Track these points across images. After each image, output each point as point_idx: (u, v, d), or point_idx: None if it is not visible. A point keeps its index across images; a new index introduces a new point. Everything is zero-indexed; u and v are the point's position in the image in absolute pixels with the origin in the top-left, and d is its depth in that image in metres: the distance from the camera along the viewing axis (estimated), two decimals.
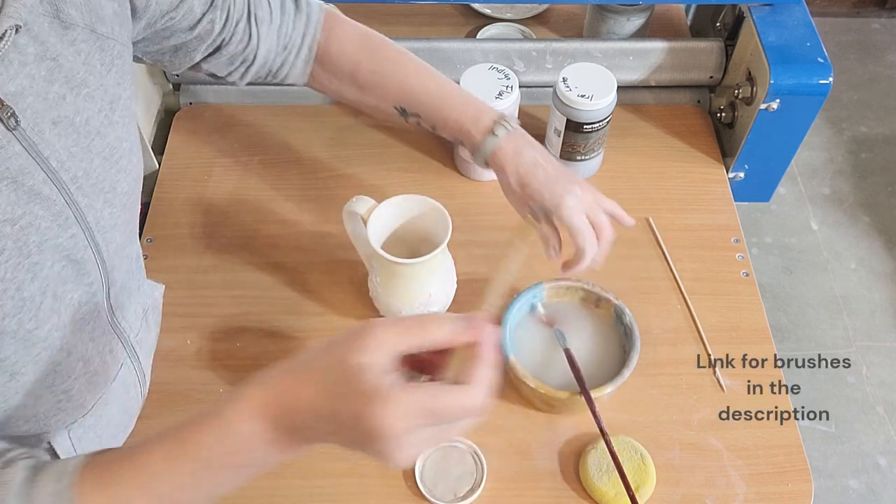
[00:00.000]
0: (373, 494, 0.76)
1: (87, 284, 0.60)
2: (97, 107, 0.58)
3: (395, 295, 0.80)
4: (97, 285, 0.62)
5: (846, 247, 2.00)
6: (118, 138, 0.60)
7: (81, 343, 0.61)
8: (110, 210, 0.61)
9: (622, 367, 0.77)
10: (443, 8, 1.24)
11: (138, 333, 0.73)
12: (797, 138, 1.00)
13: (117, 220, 0.62)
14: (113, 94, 0.60)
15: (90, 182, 0.58)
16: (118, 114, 0.60)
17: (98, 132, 0.58)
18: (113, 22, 0.59)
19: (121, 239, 0.64)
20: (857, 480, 1.63)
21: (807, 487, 0.77)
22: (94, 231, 0.59)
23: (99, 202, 0.59)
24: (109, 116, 0.59)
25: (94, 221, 0.59)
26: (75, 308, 0.60)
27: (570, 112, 0.93)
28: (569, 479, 0.77)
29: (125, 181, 0.62)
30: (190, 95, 1.09)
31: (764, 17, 0.98)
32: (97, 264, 0.61)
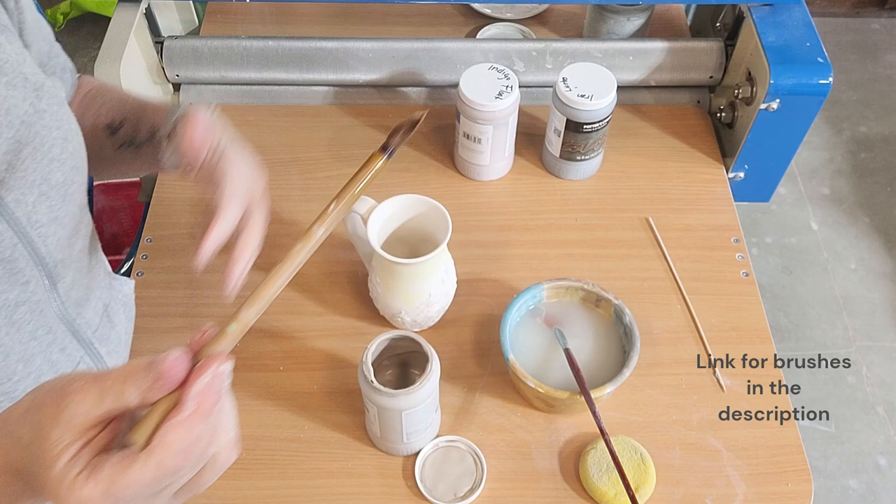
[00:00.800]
0: (373, 494, 0.76)
1: (23, 284, 0.58)
2: (21, 95, 0.56)
3: (395, 295, 0.80)
4: (36, 283, 0.59)
5: (846, 247, 2.00)
6: (46, 126, 0.58)
7: (20, 343, 0.59)
8: (48, 203, 0.58)
9: (622, 367, 0.77)
10: (443, 8, 1.24)
11: (97, 329, 0.70)
12: (797, 138, 1.00)
13: (57, 213, 0.60)
14: (35, 83, 0.58)
15: (17, 175, 0.55)
16: (45, 101, 0.58)
17: (23, 122, 0.56)
18: (6, 14, 0.59)
19: (64, 232, 0.61)
20: (857, 480, 1.63)
21: (807, 487, 0.77)
22: (27, 226, 0.57)
23: (31, 196, 0.57)
24: (35, 104, 0.57)
25: (26, 217, 0.56)
26: (10, 309, 0.57)
27: (570, 112, 0.93)
28: (569, 479, 0.77)
29: (59, 171, 0.60)
30: (190, 95, 1.09)
31: (764, 17, 0.98)
32: (33, 261, 0.58)
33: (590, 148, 0.97)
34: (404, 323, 0.83)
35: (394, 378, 0.79)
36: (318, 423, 0.80)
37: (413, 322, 0.83)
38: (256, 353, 0.85)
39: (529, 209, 0.99)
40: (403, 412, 0.70)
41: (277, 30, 1.22)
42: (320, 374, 0.84)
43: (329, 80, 1.08)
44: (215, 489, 0.76)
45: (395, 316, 0.83)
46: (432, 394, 0.72)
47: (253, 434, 0.79)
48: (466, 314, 0.88)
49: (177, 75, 1.06)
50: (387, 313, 0.84)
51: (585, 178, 1.02)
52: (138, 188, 1.06)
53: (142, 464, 0.40)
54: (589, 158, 0.99)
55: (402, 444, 0.76)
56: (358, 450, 0.78)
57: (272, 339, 0.86)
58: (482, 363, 0.85)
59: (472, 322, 0.88)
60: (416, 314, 0.82)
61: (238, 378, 0.85)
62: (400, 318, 0.82)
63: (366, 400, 0.72)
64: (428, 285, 0.80)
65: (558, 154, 0.98)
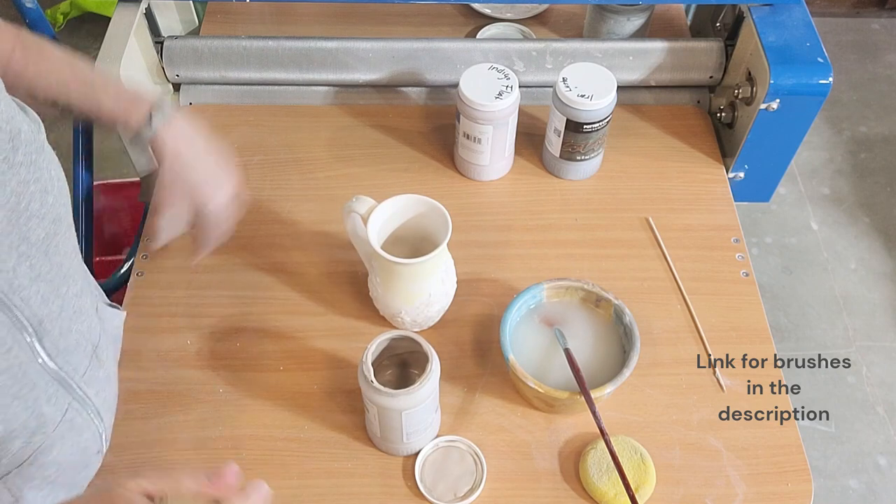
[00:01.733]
0: (373, 494, 0.76)
1: (5, 352, 0.55)
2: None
3: (395, 295, 0.80)
4: (19, 347, 0.57)
5: (846, 247, 2.00)
6: (23, 182, 0.53)
7: (2, 408, 0.56)
8: (28, 263, 0.55)
9: (622, 367, 0.77)
10: (443, 8, 1.24)
11: (84, 373, 0.67)
12: (797, 138, 1.00)
13: (39, 271, 0.57)
14: (10, 130, 0.53)
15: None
16: (21, 153, 0.53)
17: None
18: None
19: (47, 288, 0.58)
20: (857, 480, 1.63)
21: (807, 487, 0.77)
22: (8, 293, 0.54)
23: (11, 260, 0.53)
24: (10, 158, 0.52)
25: (7, 284, 0.53)
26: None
27: (570, 112, 0.93)
28: (569, 479, 0.77)
29: (39, 227, 0.56)
30: (190, 95, 1.09)
31: (764, 17, 0.98)
32: (15, 327, 0.56)
33: (590, 148, 0.97)
34: (404, 323, 0.83)
35: (394, 378, 0.79)
36: (318, 423, 0.80)
37: (413, 322, 0.83)
38: (256, 353, 0.85)
39: (529, 209, 0.99)
40: (403, 412, 0.70)
41: (277, 30, 1.22)
42: (320, 374, 0.84)
43: (329, 80, 1.08)
44: None
45: (395, 316, 0.83)
46: (432, 394, 0.72)
47: (253, 434, 0.79)
48: (466, 314, 0.88)
49: (177, 75, 1.06)
50: (387, 313, 0.84)
51: (585, 178, 1.02)
52: (138, 188, 1.06)
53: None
54: (589, 158, 0.99)
55: (402, 444, 0.76)
56: (358, 450, 0.78)
57: (272, 339, 0.86)
58: (482, 363, 0.85)
59: (472, 322, 0.88)
60: (416, 314, 0.82)
61: (238, 378, 0.85)
62: (400, 318, 0.83)
63: (366, 400, 0.72)
64: (428, 285, 0.80)
65: (558, 154, 0.98)
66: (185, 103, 1.09)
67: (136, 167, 1.05)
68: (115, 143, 1.00)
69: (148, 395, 0.82)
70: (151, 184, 1.01)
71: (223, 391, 0.83)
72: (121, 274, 1.12)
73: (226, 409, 0.81)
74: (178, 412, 0.81)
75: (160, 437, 0.79)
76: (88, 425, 0.69)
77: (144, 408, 0.81)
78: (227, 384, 0.83)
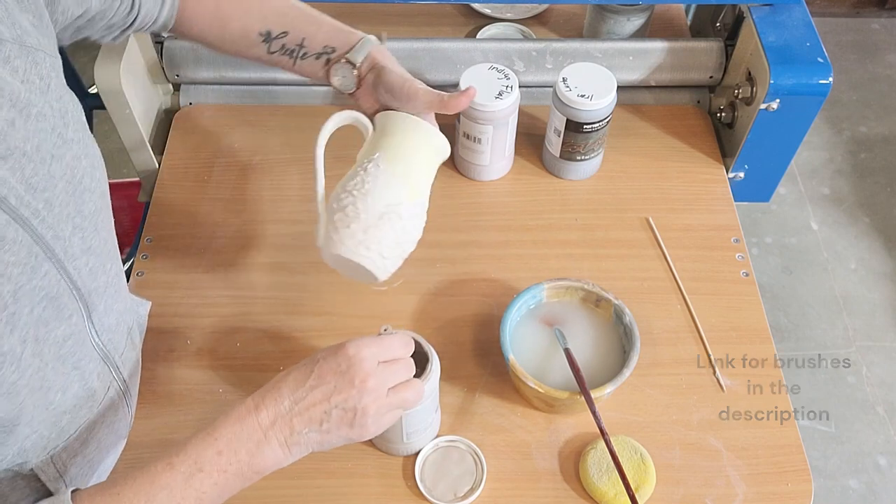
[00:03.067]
0: (373, 494, 0.76)
1: (68, 317, 0.58)
2: (49, 126, 0.54)
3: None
4: (77, 315, 0.60)
5: (846, 247, 2.00)
6: (76, 157, 0.57)
7: (63, 375, 0.60)
8: (81, 235, 0.58)
9: (622, 367, 0.77)
10: (443, 8, 1.24)
11: (123, 353, 0.71)
12: (797, 138, 1.00)
13: (90, 244, 0.60)
14: (60, 108, 0.56)
15: (54, 212, 0.54)
16: (72, 130, 0.57)
17: (53, 155, 0.54)
18: (35, 34, 0.55)
19: (96, 261, 0.61)
20: (857, 480, 1.63)
21: (807, 487, 0.77)
22: (65, 261, 0.56)
23: (67, 230, 0.56)
24: (63, 135, 0.55)
25: (63, 251, 0.56)
26: (59, 345, 0.58)
27: (570, 112, 0.93)
28: (569, 479, 0.77)
29: (91, 201, 0.59)
30: (190, 95, 1.09)
31: (764, 17, 0.98)
32: (73, 295, 0.59)
33: (590, 148, 0.97)
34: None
35: None
36: None
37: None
38: (256, 353, 0.85)
39: (529, 209, 0.99)
40: (404, 412, 0.70)
41: None
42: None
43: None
44: None
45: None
46: (432, 394, 0.72)
47: None
48: (466, 314, 0.88)
49: (177, 75, 1.06)
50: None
51: (585, 178, 1.02)
52: (138, 188, 1.06)
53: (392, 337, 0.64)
54: (589, 158, 0.99)
55: (402, 444, 0.76)
56: (358, 450, 0.78)
57: (272, 339, 0.86)
58: (482, 363, 0.85)
59: (472, 322, 0.88)
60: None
61: (238, 378, 0.86)
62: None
63: None
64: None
65: (558, 154, 0.98)
66: (185, 103, 1.09)
67: (135, 167, 1.05)
68: (115, 143, 1.01)
69: (148, 395, 0.82)
70: (151, 184, 1.02)
71: (223, 391, 0.83)
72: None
73: (226, 409, 0.81)
74: (178, 412, 0.81)
75: (160, 437, 0.79)
76: (122, 406, 0.72)
77: (144, 408, 0.81)
78: (227, 384, 0.83)
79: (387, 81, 0.71)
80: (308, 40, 0.73)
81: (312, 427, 0.59)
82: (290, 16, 0.74)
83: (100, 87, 0.95)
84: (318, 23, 0.74)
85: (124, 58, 0.95)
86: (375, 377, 0.60)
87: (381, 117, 0.72)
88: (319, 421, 0.59)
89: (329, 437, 0.60)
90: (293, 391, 0.59)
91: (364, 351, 0.60)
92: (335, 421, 0.59)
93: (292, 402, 0.58)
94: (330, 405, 0.59)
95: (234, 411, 0.59)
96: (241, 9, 0.74)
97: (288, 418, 0.58)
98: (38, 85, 0.54)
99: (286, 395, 0.59)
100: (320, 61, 0.74)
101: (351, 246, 0.68)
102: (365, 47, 0.72)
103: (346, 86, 0.73)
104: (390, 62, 0.73)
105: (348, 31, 0.74)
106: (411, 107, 0.70)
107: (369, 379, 0.59)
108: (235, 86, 1.09)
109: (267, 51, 0.75)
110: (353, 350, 0.60)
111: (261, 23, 0.73)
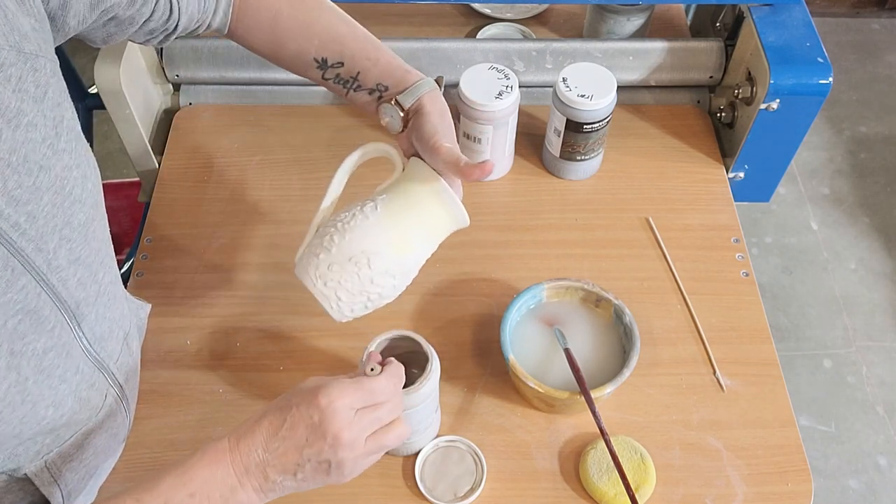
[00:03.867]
0: (373, 494, 0.76)
1: (49, 330, 0.57)
2: (40, 136, 0.52)
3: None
4: (61, 327, 0.58)
5: (846, 247, 2.00)
6: (66, 167, 0.55)
7: (50, 389, 0.58)
8: (68, 246, 0.57)
9: (622, 367, 0.77)
10: (443, 8, 1.24)
11: (118, 359, 0.69)
12: (797, 138, 1.00)
13: (79, 254, 0.58)
14: (55, 117, 0.54)
15: (38, 224, 0.53)
16: (64, 139, 0.55)
17: (41, 166, 0.52)
18: (36, 38, 0.53)
19: (85, 272, 0.60)
20: (857, 480, 1.63)
21: (807, 487, 0.77)
22: (47, 273, 0.55)
23: (52, 242, 0.55)
24: (54, 145, 0.54)
25: (46, 263, 0.55)
26: (38, 358, 0.56)
27: (570, 112, 0.93)
28: (569, 479, 0.77)
29: (81, 212, 0.58)
30: (190, 95, 1.09)
31: (764, 17, 0.98)
32: (56, 307, 0.57)
33: (590, 148, 0.97)
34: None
35: None
36: None
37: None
38: (256, 353, 0.85)
39: (529, 209, 0.99)
40: (403, 412, 0.70)
41: None
42: (320, 374, 0.83)
43: None
44: None
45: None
46: (432, 394, 0.72)
47: None
48: (466, 314, 0.88)
49: (177, 75, 1.06)
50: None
51: (585, 178, 1.02)
52: (138, 188, 1.06)
53: (376, 378, 0.61)
54: (589, 158, 0.99)
55: (402, 444, 0.76)
56: None
57: (272, 340, 0.86)
58: (482, 363, 0.85)
59: (472, 322, 0.88)
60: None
61: (238, 378, 0.86)
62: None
63: None
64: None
65: (558, 154, 0.98)
66: (185, 103, 1.09)
67: (135, 167, 1.05)
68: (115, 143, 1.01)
69: (148, 395, 0.82)
70: (151, 184, 1.02)
71: (223, 391, 0.83)
72: (120, 274, 1.12)
73: (226, 409, 0.81)
74: (178, 412, 0.81)
75: (160, 437, 0.79)
76: (120, 411, 0.71)
77: (144, 408, 0.81)
78: (227, 384, 0.83)
79: (419, 129, 0.68)
80: (362, 75, 0.71)
81: (287, 476, 0.58)
82: (349, 46, 0.71)
83: (100, 87, 0.95)
84: (375, 58, 0.71)
85: (124, 58, 0.95)
86: (349, 430, 0.58)
87: (411, 163, 0.70)
88: (293, 472, 0.58)
89: (305, 485, 0.59)
90: (267, 441, 0.57)
91: (337, 402, 0.57)
92: (310, 472, 0.58)
93: (265, 451, 0.57)
94: (303, 458, 0.57)
95: (209, 452, 0.57)
96: (299, 30, 0.72)
97: (262, 467, 0.57)
98: (32, 93, 0.52)
99: (259, 443, 0.57)
100: (372, 97, 0.72)
101: (311, 275, 0.66)
102: (418, 91, 0.69)
103: (392, 126, 0.71)
104: (435, 110, 0.69)
105: (404, 71, 0.71)
106: (433, 162, 0.67)
107: (342, 433, 0.57)
108: (235, 86, 1.09)
109: (321, 77, 0.73)
110: (326, 401, 0.57)
111: (317, 49, 0.71)
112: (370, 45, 0.72)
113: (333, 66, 0.72)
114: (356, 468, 0.60)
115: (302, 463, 0.57)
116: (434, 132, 0.67)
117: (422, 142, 0.67)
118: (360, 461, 0.60)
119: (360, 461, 0.59)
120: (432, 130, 0.67)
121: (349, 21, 0.73)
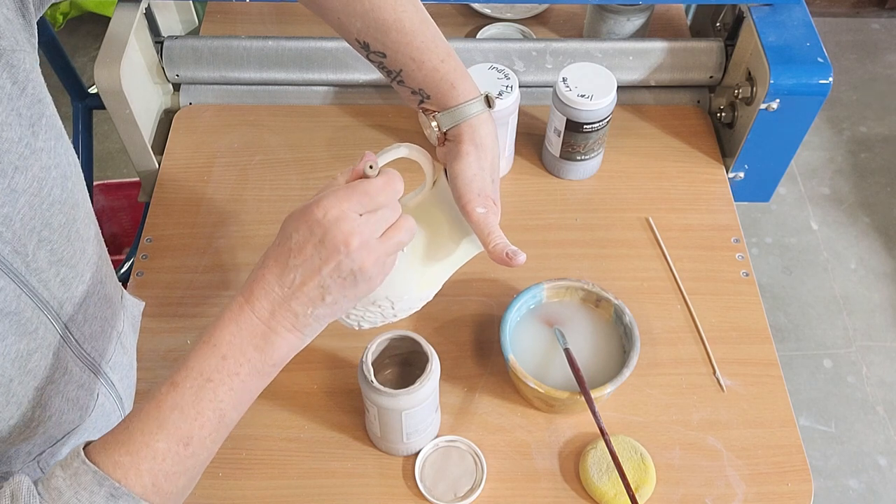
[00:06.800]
0: (373, 494, 0.76)
1: (32, 331, 0.55)
2: (16, 136, 0.50)
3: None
4: (45, 328, 0.57)
5: (846, 247, 2.00)
6: (44, 167, 0.53)
7: (36, 391, 0.57)
8: (49, 247, 0.55)
9: (622, 367, 0.77)
10: (443, 8, 1.24)
11: (111, 359, 0.68)
12: (797, 138, 1.00)
13: (61, 255, 0.57)
14: (32, 115, 0.52)
15: (14, 227, 0.51)
16: (42, 138, 0.53)
17: (17, 167, 0.50)
18: (10, 31, 0.51)
19: (69, 272, 0.58)
20: (857, 480, 1.63)
21: (807, 487, 0.77)
22: (27, 275, 0.53)
23: (31, 244, 0.53)
24: (31, 144, 0.51)
25: (25, 265, 0.53)
26: (22, 359, 0.55)
27: (570, 112, 0.93)
28: (569, 479, 0.77)
29: (61, 213, 0.56)
30: (190, 95, 1.09)
31: (764, 17, 0.98)
32: (39, 308, 0.56)
33: (590, 148, 0.97)
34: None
35: (394, 378, 0.79)
36: (318, 423, 0.80)
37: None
38: None
39: (529, 209, 0.99)
40: (403, 412, 0.70)
41: (277, 30, 1.22)
42: (320, 374, 0.84)
43: (329, 80, 1.08)
44: (215, 489, 0.76)
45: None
46: (432, 394, 0.72)
47: (253, 434, 0.79)
48: (466, 314, 0.88)
49: (177, 75, 1.06)
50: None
51: (585, 178, 1.02)
52: (138, 188, 1.06)
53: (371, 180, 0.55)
54: (589, 158, 0.99)
55: (402, 444, 0.76)
56: (358, 450, 0.78)
57: None
58: (482, 363, 0.85)
59: (472, 322, 0.88)
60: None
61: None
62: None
63: (366, 400, 0.72)
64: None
65: (558, 154, 0.98)
66: (185, 103, 1.09)
67: (135, 167, 1.05)
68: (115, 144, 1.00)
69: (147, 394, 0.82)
70: (151, 184, 1.02)
71: None
72: (120, 274, 1.13)
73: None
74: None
75: None
76: (114, 411, 0.71)
77: None
78: None
79: (452, 166, 0.65)
80: (405, 74, 0.66)
81: (316, 304, 0.54)
82: (391, 38, 0.65)
83: (100, 87, 0.95)
84: (420, 60, 0.65)
85: (124, 58, 0.95)
86: (359, 233, 0.53)
87: (442, 185, 0.66)
88: (321, 297, 0.54)
89: (339, 306, 0.55)
90: (279, 276, 0.53)
91: (334, 210, 0.53)
92: (337, 290, 0.54)
93: (281, 286, 0.53)
94: (323, 278, 0.53)
95: (225, 314, 0.54)
96: (340, 3, 0.66)
97: (286, 305, 0.53)
98: (8, 90, 0.50)
99: (273, 281, 0.53)
100: (415, 98, 0.68)
101: None
102: (459, 116, 0.65)
103: (431, 137, 0.68)
104: (473, 148, 0.65)
105: (450, 85, 0.65)
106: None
107: (352, 238, 0.53)
108: (235, 86, 1.09)
109: (366, 56, 0.68)
110: (322, 213, 0.53)
111: (360, 31, 0.66)
112: (418, 42, 0.65)
113: (376, 54, 0.67)
114: (381, 270, 0.56)
115: (325, 284, 0.53)
116: (467, 187, 0.63)
117: (454, 190, 0.64)
118: (382, 261, 0.55)
119: (381, 261, 0.55)
120: (465, 185, 0.64)
121: (403, 8, 0.65)
